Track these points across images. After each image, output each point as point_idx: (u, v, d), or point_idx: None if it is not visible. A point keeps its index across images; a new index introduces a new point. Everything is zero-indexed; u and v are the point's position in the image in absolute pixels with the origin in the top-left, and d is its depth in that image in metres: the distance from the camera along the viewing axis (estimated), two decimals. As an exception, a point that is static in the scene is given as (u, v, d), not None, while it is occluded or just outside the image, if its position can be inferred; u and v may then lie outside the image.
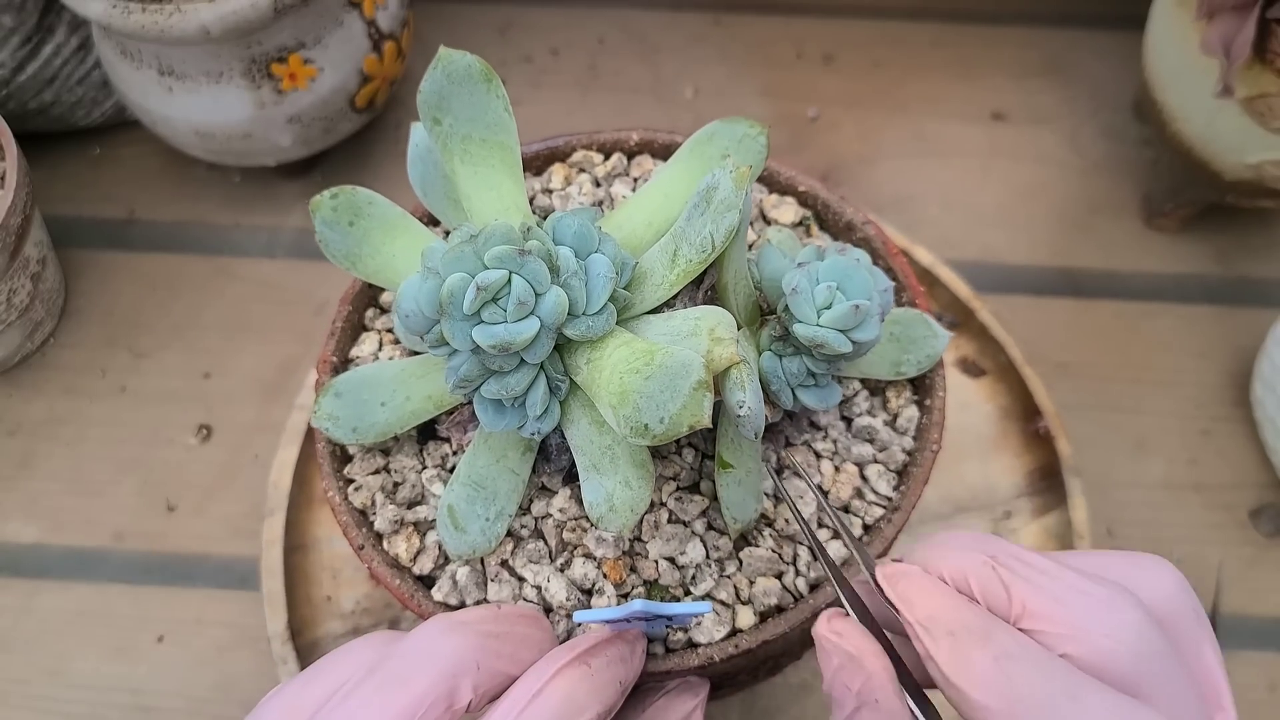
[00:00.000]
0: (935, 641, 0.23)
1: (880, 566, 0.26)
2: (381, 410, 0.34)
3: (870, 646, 0.25)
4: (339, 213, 0.33)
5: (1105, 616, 0.23)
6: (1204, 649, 0.25)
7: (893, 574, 0.26)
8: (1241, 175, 0.52)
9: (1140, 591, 0.24)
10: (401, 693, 0.25)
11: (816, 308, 0.30)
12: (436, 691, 0.25)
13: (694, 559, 0.33)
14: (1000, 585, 0.24)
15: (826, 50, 0.70)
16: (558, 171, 0.41)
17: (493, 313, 0.27)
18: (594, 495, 0.30)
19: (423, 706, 0.25)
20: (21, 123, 0.58)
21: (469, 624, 0.27)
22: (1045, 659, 0.22)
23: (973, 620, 0.23)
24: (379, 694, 0.25)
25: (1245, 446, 0.53)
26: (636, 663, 0.29)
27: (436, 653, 0.26)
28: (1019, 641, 0.23)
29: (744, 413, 0.27)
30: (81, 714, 0.46)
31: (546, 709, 0.25)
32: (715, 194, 0.29)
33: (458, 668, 0.26)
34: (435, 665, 0.26)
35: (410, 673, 0.25)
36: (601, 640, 0.28)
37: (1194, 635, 0.25)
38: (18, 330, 0.54)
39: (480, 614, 0.28)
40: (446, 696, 0.25)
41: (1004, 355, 0.53)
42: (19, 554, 0.50)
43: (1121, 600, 0.23)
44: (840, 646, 0.25)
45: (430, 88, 0.32)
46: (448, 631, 0.27)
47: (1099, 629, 0.23)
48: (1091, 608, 0.23)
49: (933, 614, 0.24)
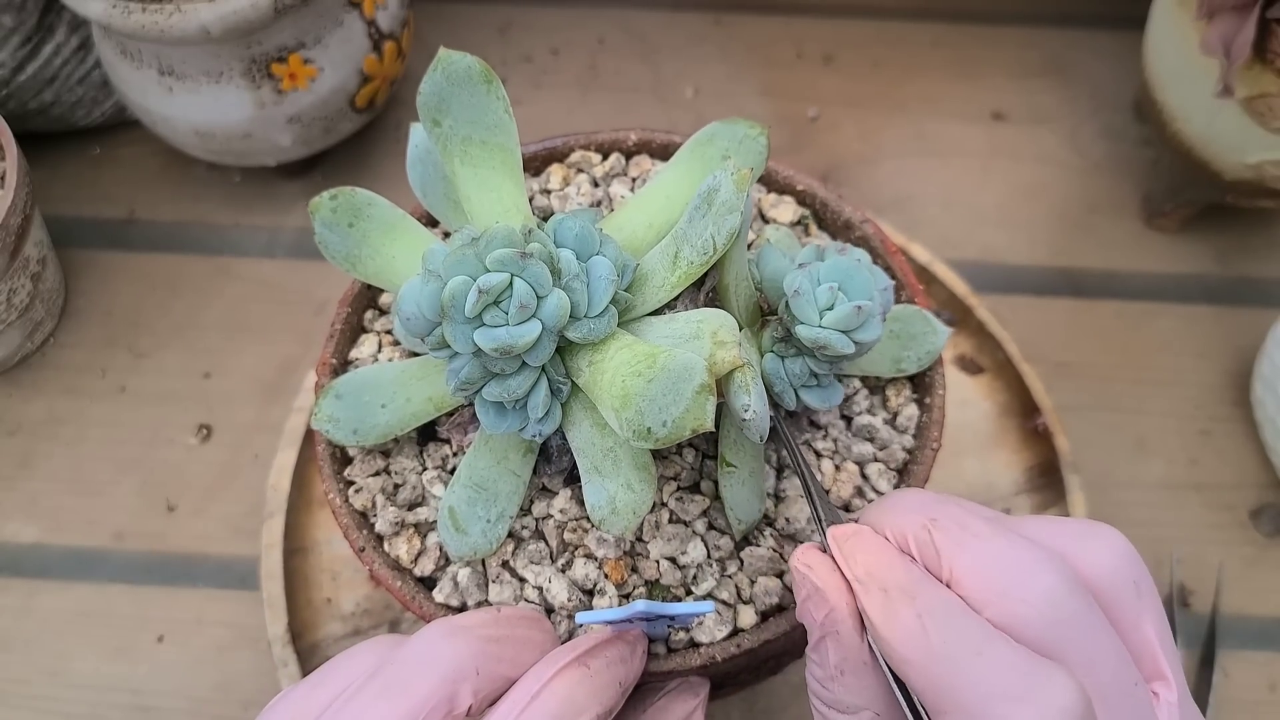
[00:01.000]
0: (869, 596, 0.25)
1: (832, 527, 0.28)
2: (382, 412, 0.34)
3: (834, 581, 0.26)
4: (338, 214, 0.33)
5: (1023, 581, 0.24)
6: (1143, 619, 0.26)
7: (841, 534, 0.27)
8: (1241, 175, 0.52)
9: (1082, 559, 0.26)
10: (402, 699, 0.25)
11: (819, 309, 0.30)
12: (436, 697, 0.25)
13: (695, 559, 0.33)
14: (933, 549, 0.25)
15: (826, 50, 0.70)
16: (556, 172, 0.41)
17: (494, 315, 0.27)
18: (596, 498, 0.30)
19: (423, 712, 0.25)
20: (21, 123, 0.58)
21: (469, 628, 0.27)
22: (962, 617, 0.24)
23: (904, 578, 0.25)
24: (380, 700, 0.25)
25: (1245, 446, 0.53)
26: (637, 664, 0.29)
27: (437, 658, 0.26)
28: (942, 600, 0.24)
29: (749, 416, 0.27)
30: (81, 714, 0.46)
31: (545, 710, 0.26)
32: (716, 196, 0.29)
33: (458, 673, 0.26)
34: (435, 671, 0.26)
35: (411, 678, 0.26)
36: (601, 641, 0.28)
37: (1132, 605, 0.26)
38: (18, 330, 0.54)
39: (481, 618, 0.28)
40: (447, 701, 0.25)
41: (1001, 352, 0.54)
42: (19, 554, 0.50)
43: (1043, 566, 0.24)
44: (808, 578, 0.27)
45: (430, 89, 0.32)
46: (448, 636, 0.27)
47: (1015, 593, 0.24)
48: (1011, 572, 0.24)
49: (870, 571, 0.25)
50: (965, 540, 0.25)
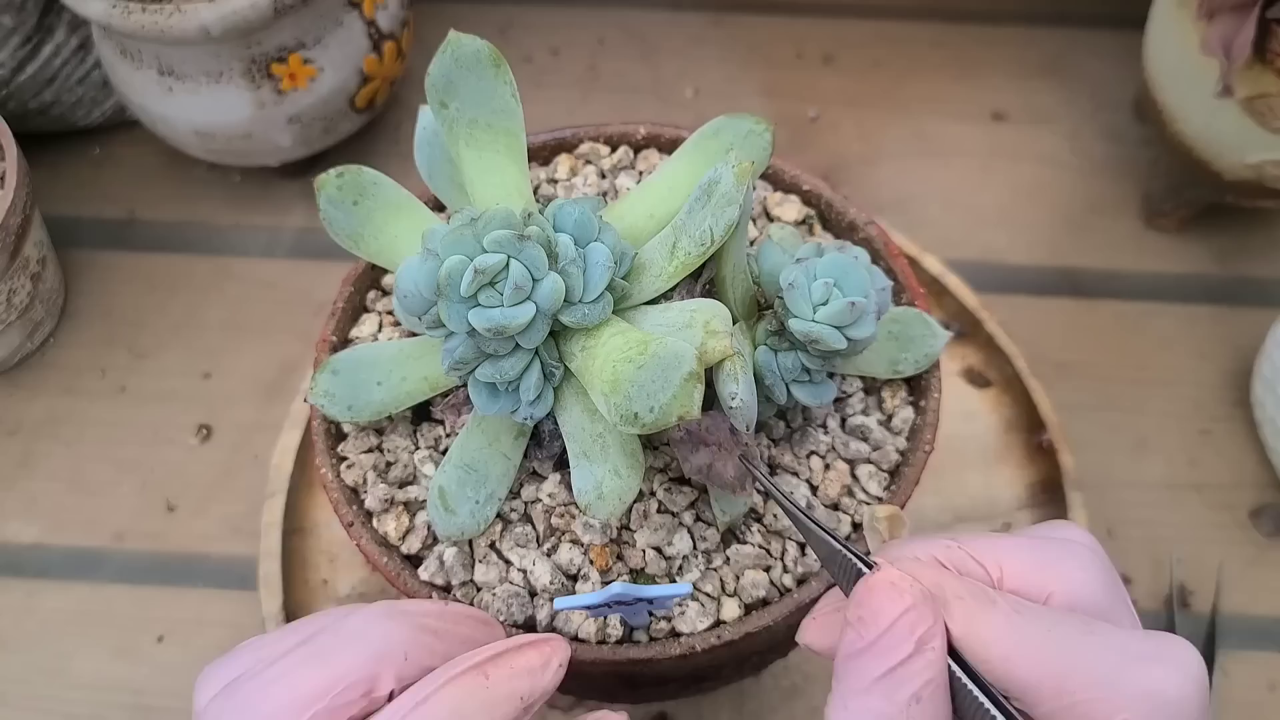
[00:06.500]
0: (947, 607, 0.24)
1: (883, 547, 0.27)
2: (377, 389, 0.34)
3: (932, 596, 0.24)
4: (344, 191, 0.33)
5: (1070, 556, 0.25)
6: None
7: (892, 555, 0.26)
8: (1241, 175, 0.52)
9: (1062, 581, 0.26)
10: (323, 669, 0.24)
11: (813, 303, 0.30)
12: (356, 675, 0.24)
13: (681, 550, 0.33)
14: (972, 560, 0.25)
15: (826, 50, 0.70)
16: (564, 162, 0.41)
17: (490, 296, 0.27)
18: (583, 482, 0.30)
19: (339, 687, 0.24)
20: (21, 123, 0.58)
21: (409, 614, 0.26)
22: (1044, 610, 0.24)
23: (974, 586, 0.24)
24: (302, 666, 0.24)
25: (1245, 446, 0.53)
26: (548, 678, 0.27)
27: (367, 635, 0.25)
28: (1013, 598, 0.24)
29: (735, 404, 0.27)
30: (82, 714, 0.46)
31: None
32: (716, 188, 0.29)
33: (385, 654, 0.25)
34: (363, 647, 0.25)
35: (337, 650, 0.25)
36: (509, 649, 0.26)
37: None
38: (18, 330, 0.54)
39: (425, 607, 0.27)
40: (366, 681, 0.24)
41: (1010, 367, 0.53)
42: (19, 554, 0.50)
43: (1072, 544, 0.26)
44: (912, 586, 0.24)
45: (438, 71, 0.32)
46: (384, 617, 0.26)
47: (1071, 565, 0.25)
48: (1057, 552, 0.25)
49: (937, 583, 0.24)
50: (999, 543, 0.25)
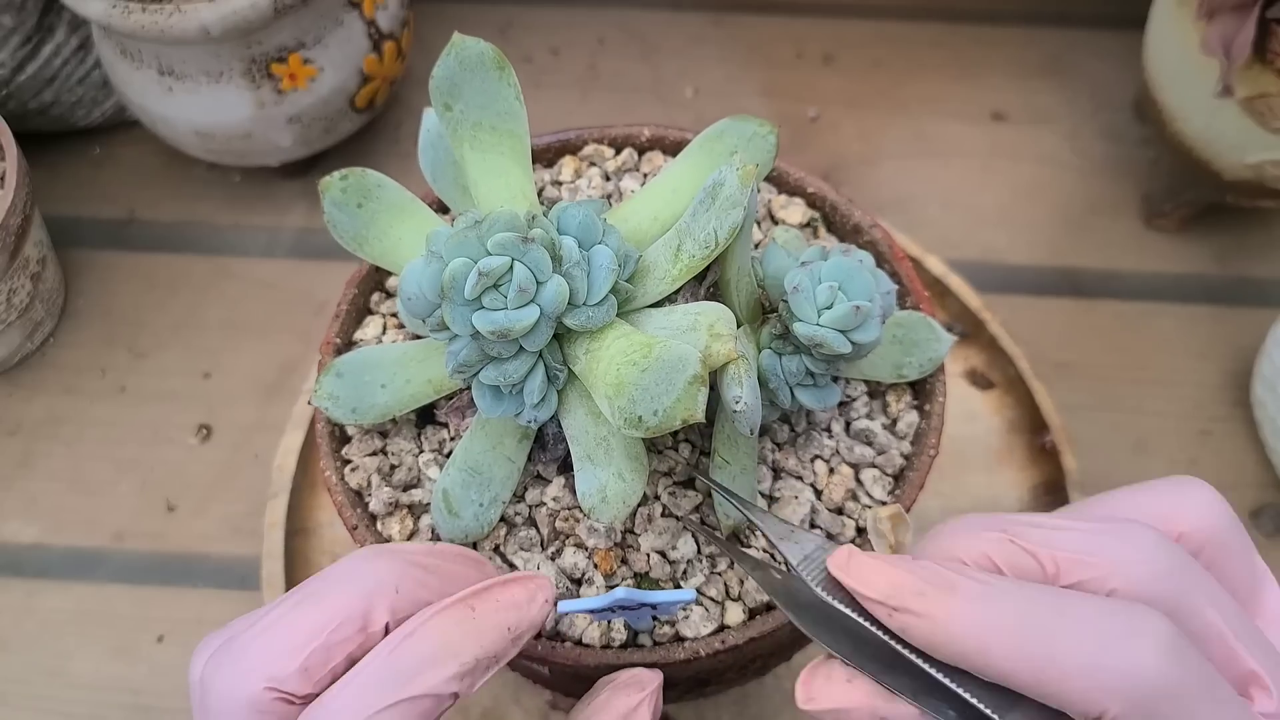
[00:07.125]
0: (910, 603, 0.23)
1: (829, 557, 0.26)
2: (381, 392, 0.34)
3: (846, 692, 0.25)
4: (348, 194, 0.33)
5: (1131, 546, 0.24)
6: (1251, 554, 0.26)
7: (839, 561, 0.25)
8: (1241, 175, 0.52)
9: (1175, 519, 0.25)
10: (314, 611, 0.24)
11: (817, 307, 0.30)
12: (350, 610, 0.24)
13: (685, 554, 0.33)
14: (1026, 555, 0.24)
15: (826, 50, 0.70)
16: (568, 164, 0.41)
17: (494, 299, 0.27)
18: (587, 486, 0.30)
19: (334, 623, 0.24)
20: (21, 123, 0.58)
21: (398, 552, 0.26)
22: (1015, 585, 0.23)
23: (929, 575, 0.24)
24: (294, 610, 0.25)
25: (1245, 446, 0.53)
26: (534, 611, 0.27)
27: (357, 574, 0.25)
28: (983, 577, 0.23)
29: (740, 408, 0.27)
30: (81, 714, 0.46)
31: (416, 651, 0.24)
32: (721, 191, 0.29)
33: (376, 589, 0.25)
34: (353, 585, 0.25)
35: (326, 593, 0.25)
36: (495, 584, 0.27)
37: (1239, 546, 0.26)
38: (18, 330, 0.54)
39: (414, 546, 0.28)
40: (360, 616, 0.25)
41: (1013, 368, 0.53)
42: (19, 554, 0.50)
43: (1134, 528, 0.24)
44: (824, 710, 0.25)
45: (443, 74, 0.32)
46: (372, 557, 0.26)
47: (1132, 557, 0.24)
48: (1116, 543, 0.24)
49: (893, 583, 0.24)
50: (1053, 536, 0.24)
